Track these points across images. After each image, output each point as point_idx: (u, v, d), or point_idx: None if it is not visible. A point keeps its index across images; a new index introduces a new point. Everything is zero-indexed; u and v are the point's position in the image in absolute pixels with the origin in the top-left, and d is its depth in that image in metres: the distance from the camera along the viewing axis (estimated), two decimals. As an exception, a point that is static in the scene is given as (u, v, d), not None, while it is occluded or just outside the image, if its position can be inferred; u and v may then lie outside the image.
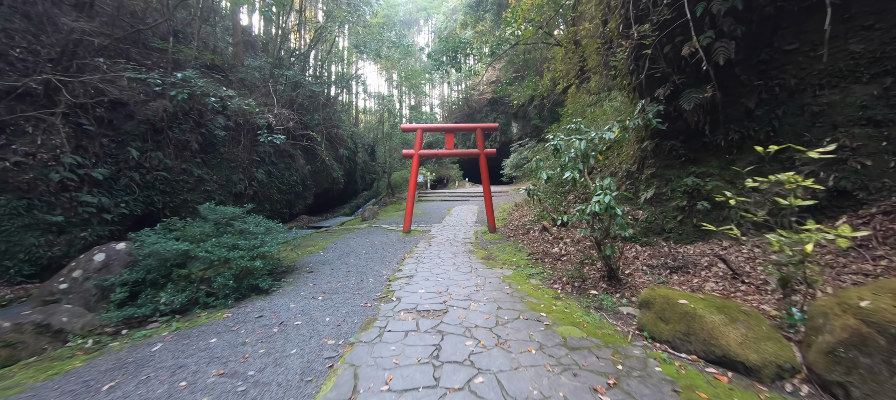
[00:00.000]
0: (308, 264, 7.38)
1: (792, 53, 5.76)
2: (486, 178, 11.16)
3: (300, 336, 3.87)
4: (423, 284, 5.64)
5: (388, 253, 8.26)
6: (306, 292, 5.40)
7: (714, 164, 6.32)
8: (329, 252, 8.63)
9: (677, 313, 3.41)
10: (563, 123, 12.83)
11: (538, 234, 8.96)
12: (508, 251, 8.05)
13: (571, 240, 7.78)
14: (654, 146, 7.10)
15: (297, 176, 15.05)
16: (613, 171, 8.71)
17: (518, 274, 6.14)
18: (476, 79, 29.86)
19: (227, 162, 11.94)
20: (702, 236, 6.17)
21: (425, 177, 26.27)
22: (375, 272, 6.55)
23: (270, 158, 13.68)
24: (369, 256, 7.95)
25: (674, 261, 5.76)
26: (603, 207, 4.33)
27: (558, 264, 6.66)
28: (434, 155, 11.78)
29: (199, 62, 11.48)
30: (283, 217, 14.79)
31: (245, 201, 12.24)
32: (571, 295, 5.01)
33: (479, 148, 11.11)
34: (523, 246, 8.30)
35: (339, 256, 8.14)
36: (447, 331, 3.86)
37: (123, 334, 4.15)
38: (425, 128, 11.39)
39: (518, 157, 22.48)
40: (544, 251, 7.52)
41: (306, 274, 6.54)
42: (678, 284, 5.04)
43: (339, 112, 20.89)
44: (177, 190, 10.12)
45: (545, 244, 8.03)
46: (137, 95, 9.49)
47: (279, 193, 14.06)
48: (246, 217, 6.22)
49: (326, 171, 17.92)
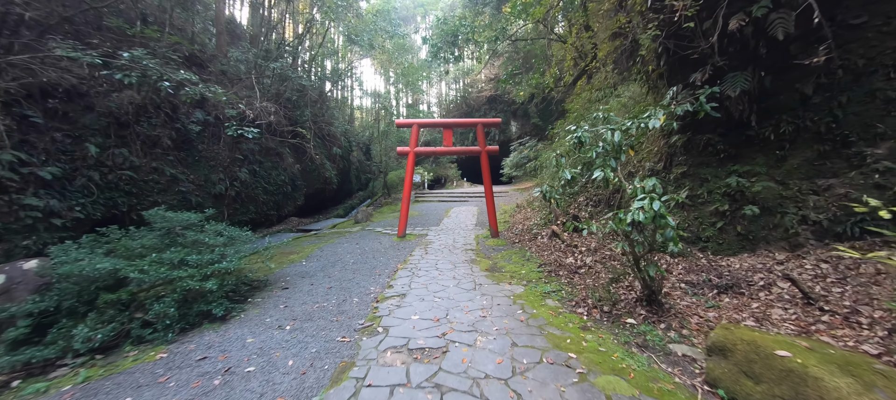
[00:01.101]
0: (285, 278, 6.30)
1: (860, 28, 4.73)
2: (488, 178, 10.11)
3: (247, 394, 2.79)
4: (416, 307, 4.57)
5: (379, 262, 7.19)
6: (272, 319, 4.32)
7: (760, 161, 5.29)
8: (313, 261, 7.54)
9: (775, 370, 2.37)
10: (568, 119, 11.81)
11: (547, 240, 7.91)
12: (515, 261, 7.00)
13: (588, 249, 6.74)
14: (685, 141, 6.07)
15: (285, 175, 13.92)
16: (631, 171, 7.68)
17: (531, 292, 5.08)
18: (474, 75, 28.78)
19: (206, 160, 10.81)
20: (747, 247, 5.14)
21: (422, 177, 25.19)
22: (362, 289, 5.47)
23: (255, 157, 12.55)
24: (357, 267, 6.87)
25: (718, 277, 4.72)
26: (649, 215, 3.28)
27: (576, 279, 5.62)
28: (431, 153, 10.72)
29: (171, 49, 10.33)
30: (270, 219, 13.69)
31: (226, 203, 11.14)
32: (602, 323, 3.96)
33: (480, 145, 10.06)
34: (531, 255, 7.25)
35: (322, 266, 7.06)
36: (448, 385, 2.80)
37: (12, 388, 3.06)
38: (422, 123, 10.33)
39: (518, 156, 21.45)
40: (557, 262, 6.48)
41: (279, 292, 5.46)
42: (733, 310, 4.01)
43: (332, 109, 19.75)
44: (145, 191, 8.99)
45: (557, 253, 6.98)
46: (99, 85, 8.35)
47: (265, 194, 12.93)
48: (204, 225, 5.12)
49: (318, 170, 16.81)
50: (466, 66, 30.15)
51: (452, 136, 10.41)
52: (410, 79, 25.15)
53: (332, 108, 20.24)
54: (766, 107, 5.16)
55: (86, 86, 8.06)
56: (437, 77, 34.11)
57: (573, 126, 4.57)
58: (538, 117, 26.74)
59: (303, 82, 13.74)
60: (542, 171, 15.34)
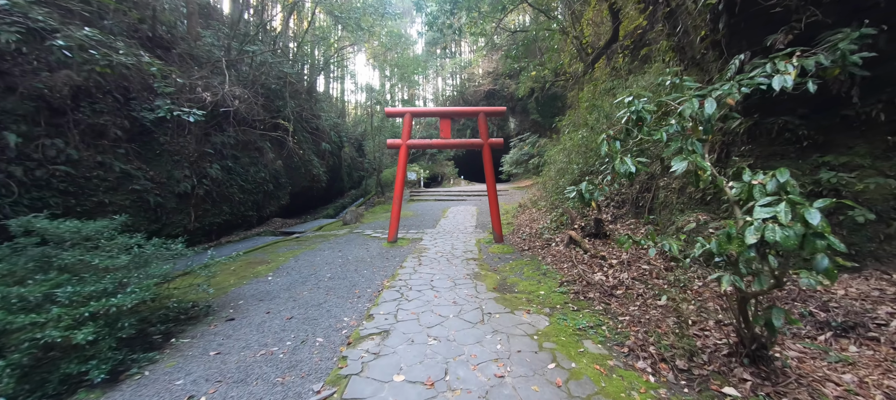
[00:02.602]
0: (236, 302, 4.83)
1: None
2: (491, 175, 8.68)
3: None
4: (403, 355, 3.14)
5: (361, 277, 5.74)
6: (187, 380, 2.86)
7: (862, 151, 3.91)
8: (281, 275, 6.07)
9: None
10: (580, 108, 10.42)
11: (564, 248, 6.50)
12: (528, 274, 5.60)
13: (620, 262, 5.33)
14: (750, 126, 4.66)
15: (266, 172, 12.40)
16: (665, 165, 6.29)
17: (560, 327, 3.66)
18: (471, 69, 27.30)
19: (169, 154, 9.27)
20: (849, 265, 3.76)
21: (418, 174, 23.72)
22: (332, 320, 4.03)
23: (230, 151, 11.01)
24: (334, 284, 5.42)
25: (824, 311, 3.33)
26: (792, 235, 1.86)
27: (614, 304, 4.21)
28: (426, 146, 9.26)
29: (128, 27, 8.78)
30: (249, 221, 12.17)
31: (192, 203, 9.62)
32: (680, 391, 2.56)
33: (483, 137, 8.62)
34: (548, 267, 5.84)
35: (291, 283, 5.59)
36: None
37: None
38: (415, 112, 8.87)
39: (519, 152, 20.08)
40: (582, 278, 5.06)
41: (220, 325, 4.00)
42: (873, 367, 2.62)
43: (320, 101, 18.17)
44: (87, 190, 7.45)
45: (579, 265, 5.57)
46: (28, 62, 6.81)
47: (242, 193, 11.41)
48: (101, 238, 3.59)
49: (305, 167, 15.29)
50: (464, 59, 28.69)
51: (451, 128, 8.96)
52: (405, 71, 23.58)
53: (321, 101, 18.65)
54: (875, 77, 3.77)
55: (7, 62, 6.52)
56: (433, 72, 32.61)
57: (624, 96, 3.13)
58: (538, 113, 25.39)
59: (284, 69, 12.19)
60: (546, 168, 13.96)
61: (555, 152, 13.23)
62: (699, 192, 5.08)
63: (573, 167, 9.64)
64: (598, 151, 9.74)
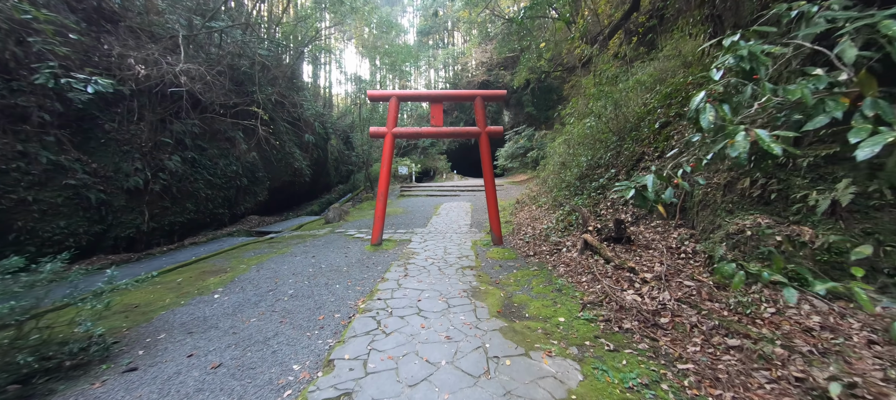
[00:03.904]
0: (155, 334, 3.57)
1: None
2: (489, 167, 7.48)
3: None
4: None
5: (331, 296, 4.52)
6: None
7: None
8: (232, 291, 4.81)
9: None
10: (587, 94, 9.25)
11: (578, 255, 5.35)
12: (538, 289, 4.44)
13: (656, 277, 4.17)
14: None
15: (238, 165, 11.01)
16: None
17: (599, 387, 2.49)
18: (465, 59, 25.94)
19: (117, 144, 7.86)
20: None
21: (410, 169, 22.42)
22: (274, 372, 2.81)
23: (195, 141, 9.61)
24: (293, 307, 4.19)
25: None
26: None
27: (663, 340, 3.06)
28: (415, 135, 8.03)
29: None
30: (219, 219, 10.80)
31: (146, 200, 8.24)
32: None
33: (480, 124, 7.40)
34: (561, 279, 4.69)
35: (239, 304, 4.34)
36: None
37: None
38: (402, 95, 7.59)
39: (514, 145, 18.92)
40: (610, 298, 3.91)
41: (111, 381, 2.75)
42: None
43: (303, 90, 16.69)
44: (4, 185, 6.06)
45: (602, 278, 4.42)
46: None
47: (210, 188, 10.02)
48: None
49: (286, 160, 13.91)
50: (457, 49, 27.31)
51: (443, 116, 7.72)
52: (395, 60, 22.11)
53: (304, 89, 17.16)
54: None
55: None
56: (425, 64, 31.16)
57: (734, 37, 1.93)
58: (533, 106, 24.26)
59: (259, 50, 10.74)
60: (546, 162, 12.83)
61: (556, 144, 12.09)
62: (757, 189, 3.95)
63: (580, 160, 8.50)
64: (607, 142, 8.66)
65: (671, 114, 6.92)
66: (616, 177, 7.24)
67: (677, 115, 6.74)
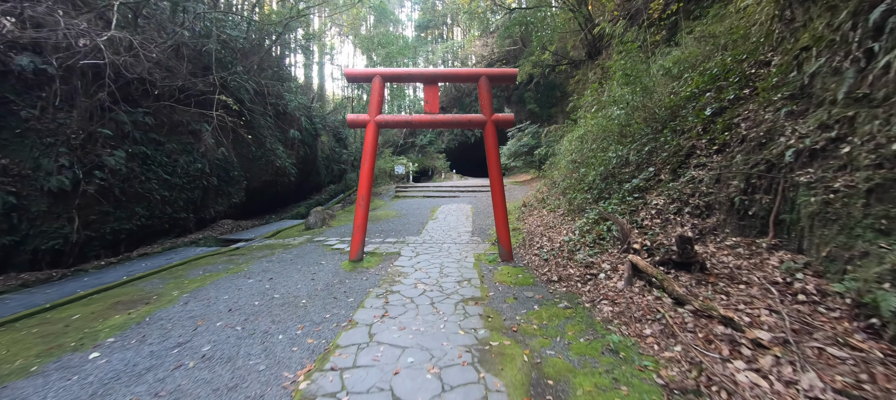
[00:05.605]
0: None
1: None
2: (496, 164, 5.88)
3: None
4: None
5: (262, 361, 2.92)
6: None
7: None
8: (121, 347, 3.19)
9: None
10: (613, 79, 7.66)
11: (625, 286, 3.74)
12: (579, 348, 2.84)
13: (772, 334, 2.56)
14: None
15: (204, 163, 9.38)
16: (750, 138, 3.51)
17: None
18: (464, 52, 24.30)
19: (36, 135, 6.24)
20: None
21: (407, 168, 20.80)
22: None
23: (147, 134, 7.97)
24: (191, 385, 2.58)
25: None
26: None
27: None
28: (404, 124, 6.42)
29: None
30: (183, 225, 9.17)
31: (77, 204, 6.60)
32: None
33: (485, 112, 5.81)
34: (611, 328, 3.08)
35: (110, 377, 2.73)
36: None
37: None
38: (387, 73, 5.96)
39: (517, 143, 17.31)
40: (707, 375, 2.31)
41: None
42: None
43: (288, 80, 15.03)
44: None
45: (679, 331, 2.81)
46: None
47: (167, 189, 8.38)
48: None
49: (267, 157, 12.28)
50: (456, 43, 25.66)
51: (439, 101, 6.12)
52: (391, 51, 20.41)
53: (289, 80, 15.49)
54: None
55: None
56: (423, 60, 29.52)
57: None
58: (535, 103, 22.70)
59: (228, 31, 9.11)
60: (556, 160, 11.24)
61: (567, 141, 10.49)
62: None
63: (608, 156, 6.91)
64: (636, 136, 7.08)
65: (726, 98, 5.34)
66: (656, 176, 5.64)
67: (737, 99, 5.16)
